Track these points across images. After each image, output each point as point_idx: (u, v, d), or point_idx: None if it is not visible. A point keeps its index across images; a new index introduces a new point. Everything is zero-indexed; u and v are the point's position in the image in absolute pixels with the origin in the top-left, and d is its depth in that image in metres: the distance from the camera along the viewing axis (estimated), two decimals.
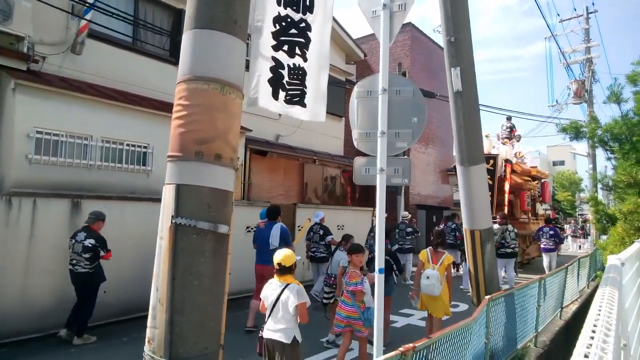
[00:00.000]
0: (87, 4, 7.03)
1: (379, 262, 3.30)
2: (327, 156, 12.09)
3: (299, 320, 3.46)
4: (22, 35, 6.43)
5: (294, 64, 3.22)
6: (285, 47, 3.20)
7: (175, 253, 2.19)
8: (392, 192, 13.64)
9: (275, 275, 3.64)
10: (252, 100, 3.04)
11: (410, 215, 11.65)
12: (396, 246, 6.68)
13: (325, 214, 7.84)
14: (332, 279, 5.77)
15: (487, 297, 3.85)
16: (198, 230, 2.21)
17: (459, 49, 5.28)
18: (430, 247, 5.50)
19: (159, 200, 6.59)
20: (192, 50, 2.48)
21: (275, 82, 3.15)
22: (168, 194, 2.31)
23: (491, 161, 11.98)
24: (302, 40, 3.24)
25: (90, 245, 5.55)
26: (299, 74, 3.24)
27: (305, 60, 3.27)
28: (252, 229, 8.00)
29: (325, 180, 12.13)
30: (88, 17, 7.07)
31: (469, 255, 5.25)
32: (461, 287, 9.54)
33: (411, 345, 2.59)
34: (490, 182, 11.79)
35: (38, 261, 5.83)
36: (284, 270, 3.55)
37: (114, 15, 7.48)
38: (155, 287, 2.24)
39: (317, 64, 3.30)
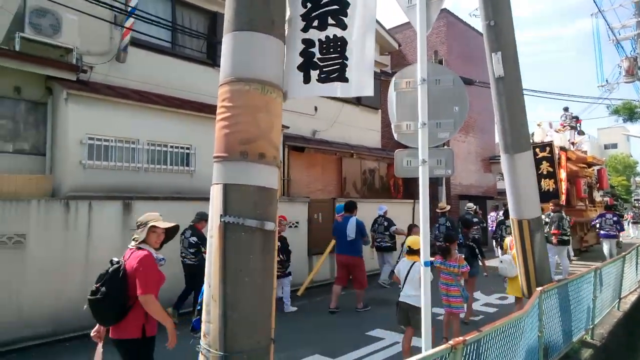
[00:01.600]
0: (127, 13, 7.31)
1: (425, 254, 3.26)
2: (365, 149, 12.01)
3: None
4: (70, 47, 6.79)
5: (326, 37, 2.79)
6: (316, 23, 2.81)
7: (225, 251, 2.26)
8: (433, 183, 13.39)
9: (405, 255, 4.81)
10: (282, 95, 2.94)
11: (475, 207, 11.59)
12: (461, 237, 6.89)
13: (365, 207, 7.83)
14: None
15: (539, 288, 3.71)
16: (246, 228, 2.27)
17: (499, 33, 5.09)
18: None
19: (202, 199, 6.88)
20: (232, 53, 2.53)
21: (306, 65, 2.79)
22: (216, 194, 2.38)
23: (547, 148, 11.79)
24: (336, 7, 2.79)
25: (193, 242, 6.47)
26: (336, 45, 2.78)
27: (343, 27, 2.78)
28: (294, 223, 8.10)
29: (363, 174, 12.07)
30: (128, 24, 7.36)
31: (518, 246, 5.08)
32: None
33: (461, 339, 2.55)
34: (551, 169, 11.61)
35: (95, 261, 6.16)
36: (412, 251, 4.61)
37: (153, 22, 7.74)
38: (207, 284, 2.32)
39: (361, 29, 2.79)
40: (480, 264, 7.10)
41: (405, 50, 16.62)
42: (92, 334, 3.31)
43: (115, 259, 3.26)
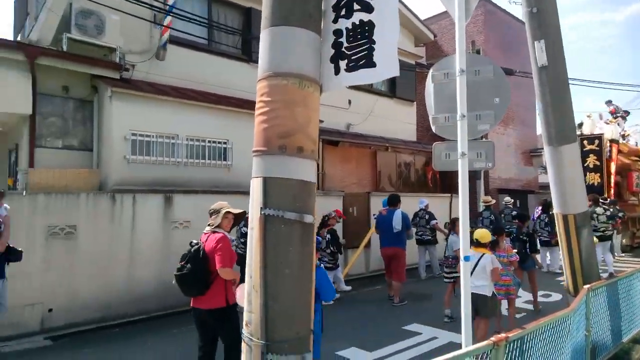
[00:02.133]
0: (166, 11, 7.51)
1: (464, 249, 3.20)
2: (400, 142, 11.86)
3: (492, 280, 4.75)
4: (113, 46, 7.06)
5: (352, 24, 2.72)
6: (343, 11, 2.76)
7: (265, 243, 2.31)
8: (471, 177, 13.07)
9: (472, 247, 4.79)
10: (319, 89, 2.91)
11: (513, 200, 11.41)
12: None
13: (402, 201, 7.73)
14: (450, 260, 6.27)
15: (587, 286, 3.57)
16: (285, 220, 2.31)
17: (542, 20, 4.87)
18: None
19: (239, 192, 7.03)
20: (270, 48, 2.56)
21: (336, 56, 2.75)
22: (256, 187, 2.42)
23: (596, 141, 11.45)
24: None
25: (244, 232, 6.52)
26: (364, 31, 2.69)
27: (370, 10, 2.68)
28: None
29: (398, 167, 11.92)
30: (167, 23, 7.55)
31: (562, 242, 4.89)
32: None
33: (503, 335, 2.49)
34: (598, 163, 11.25)
35: (139, 251, 6.45)
36: (479, 244, 4.87)
37: (191, 20, 7.92)
38: (249, 275, 2.38)
39: (387, 7, 2.69)
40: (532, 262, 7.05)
41: (441, 41, 16.22)
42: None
43: (194, 241, 3.78)
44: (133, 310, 6.30)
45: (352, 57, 2.71)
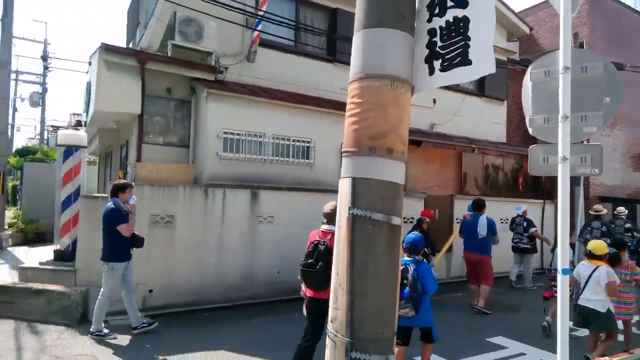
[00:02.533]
0: (258, 17, 7.90)
1: (563, 261, 2.96)
2: (487, 144, 11.25)
3: (608, 294, 4.53)
4: (210, 50, 7.59)
5: (446, 22, 2.62)
6: (437, 9, 2.67)
7: (353, 242, 2.35)
8: (570, 183, 12.00)
9: (586, 259, 4.83)
10: (411, 90, 2.87)
11: (627, 211, 10.41)
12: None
13: (488, 206, 7.36)
14: (553, 272, 6.02)
15: None
16: (373, 221, 2.32)
17: None
18: None
19: (321, 190, 7.15)
20: (363, 50, 2.58)
21: (430, 56, 2.67)
22: (345, 187, 2.47)
23: None
24: None
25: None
26: (458, 27, 2.59)
27: (464, 5, 2.57)
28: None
29: (485, 170, 11.31)
30: (259, 28, 7.94)
31: None
32: None
33: (606, 359, 2.28)
34: None
35: (228, 242, 6.89)
36: (593, 256, 4.71)
37: (280, 23, 8.24)
38: (335, 272, 2.44)
39: (481, 1, 2.56)
40: None
41: (537, 35, 15.06)
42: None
43: (319, 240, 4.02)
44: (220, 297, 6.75)
45: (447, 56, 2.62)
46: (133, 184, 5.80)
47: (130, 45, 10.12)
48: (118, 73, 6.89)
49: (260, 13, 7.86)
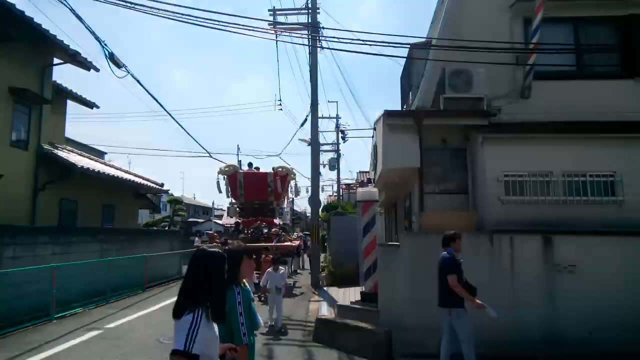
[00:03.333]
0: (530, 50, 7.49)
1: None
2: None
3: None
4: (481, 96, 7.64)
5: None
6: None
7: None
8: None
9: None
10: None
11: None
12: None
13: None
14: None
15: None
16: None
17: None
18: None
19: (635, 233, 5.83)
20: None
21: None
22: None
23: None
24: None
25: None
26: None
27: None
28: None
29: None
30: (531, 61, 7.50)
31: None
32: None
33: None
34: None
35: (520, 292, 6.39)
36: None
37: (557, 51, 7.56)
38: None
39: None
40: None
41: None
42: None
43: None
44: (518, 349, 6.22)
45: None
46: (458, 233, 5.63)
47: (405, 107, 11.30)
48: (399, 133, 7.77)
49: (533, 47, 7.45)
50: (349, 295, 8.77)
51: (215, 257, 2.23)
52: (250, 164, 19.14)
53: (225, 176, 17.13)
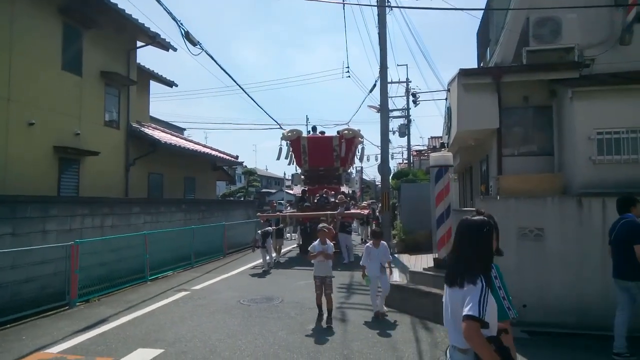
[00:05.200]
0: None
1: None
2: None
3: None
4: (571, 45, 6.88)
5: None
6: None
7: None
8: None
9: None
10: None
11: None
12: None
13: None
14: None
15: None
16: None
17: None
18: None
19: None
20: None
21: None
22: None
23: None
24: None
25: None
26: None
27: None
28: None
29: None
30: (631, 0, 6.55)
31: None
32: None
33: None
34: None
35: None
36: None
37: None
38: None
39: None
40: None
41: None
42: None
43: None
44: (608, 323, 5.74)
45: None
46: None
47: (482, 64, 10.53)
48: (475, 93, 7.29)
49: None
50: (420, 262, 8.62)
51: (489, 224, 2.21)
52: (314, 128, 17.70)
53: (288, 142, 15.86)
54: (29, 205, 7.59)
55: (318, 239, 6.45)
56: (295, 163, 16.47)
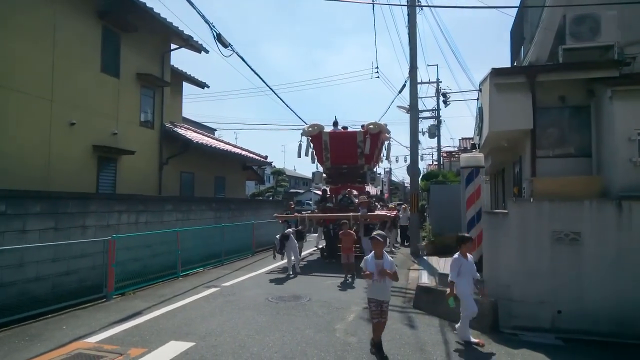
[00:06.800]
0: None
1: None
2: None
3: None
4: (610, 43, 6.63)
5: None
6: None
7: None
8: None
9: None
10: None
11: None
12: None
13: None
14: None
15: None
16: None
17: None
18: None
19: None
20: None
21: None
22: None
23: None
24: None
25: None
26: None
27: None
28: None
29: None
30: None
31: None
32: None
33: None
34: None
35: None
36: None
37: None
38: None
39: None
40: None
41: None
42: None
43: None
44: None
45: None
46: None
47: (515, 64, 10.28)
48: (508, 92, 7.12)
49: None
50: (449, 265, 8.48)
51: None
52: (335, 122, 15.32)
53: (309, 137, 14.48)
54: (70, 201, 7.96)
55: (372, 252, 4.99)
56: (317, 160, 15.13)
